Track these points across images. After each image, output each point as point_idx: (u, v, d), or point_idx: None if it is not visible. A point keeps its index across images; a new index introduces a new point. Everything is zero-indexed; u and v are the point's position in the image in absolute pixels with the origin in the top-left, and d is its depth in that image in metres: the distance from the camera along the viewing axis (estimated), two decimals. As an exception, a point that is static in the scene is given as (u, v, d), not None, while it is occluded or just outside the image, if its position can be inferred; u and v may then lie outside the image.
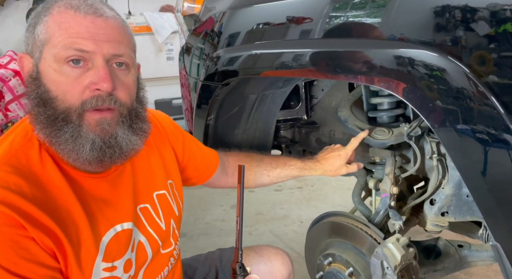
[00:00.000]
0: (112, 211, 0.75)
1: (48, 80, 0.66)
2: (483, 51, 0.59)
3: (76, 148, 0.66)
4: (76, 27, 0.66)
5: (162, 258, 0.86)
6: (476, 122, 0.60)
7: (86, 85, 0.66)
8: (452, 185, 0.98)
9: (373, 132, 1.04)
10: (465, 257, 1.08)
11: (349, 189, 1.22)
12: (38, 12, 0.68)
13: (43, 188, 0.66)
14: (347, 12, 0.83)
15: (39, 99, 0.66)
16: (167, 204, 0.88)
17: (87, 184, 0.72)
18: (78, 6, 0.67)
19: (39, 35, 0.66)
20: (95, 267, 0.70)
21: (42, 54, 0.66)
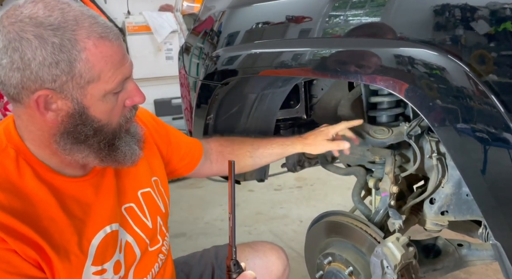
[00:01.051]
0: (99, 213, 0.75)
1: (97, 112, 0.68)
2: (483, 50, 0.59)
3: (132, 154, 0.74)
4: (116, 57, 0.67)
5: (151, 255, 0.86)
6: (476, 121, 0.60)
7: (124, 104, 0.72)
8: (452, 184, 0.98)
9: (372, 131, 1.04)
10: (465, 256, 1.08)
11: (348, 188, 1.22)
12: (56, 44, 0.61)
13: (22, 198, 0.65)
14: (346, 11, 0.83)
15: (94, 130, 0.69)
16: (153, 201, 0.88)
17: (70, 189, 0.72)
18: (106, 33, 0.65)
19: (82, 75, 0.63)
20: (85, 272, 0.70)
21: (87, 91, 0.65)
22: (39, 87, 0.63)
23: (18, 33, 0.60)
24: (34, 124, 0.67)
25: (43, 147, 0.69)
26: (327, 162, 1.42)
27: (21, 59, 0.61)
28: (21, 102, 0.65)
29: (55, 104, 0.65)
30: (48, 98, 0.64)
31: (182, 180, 3.00)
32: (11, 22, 0.61)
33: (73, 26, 0.62)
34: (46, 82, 0.62)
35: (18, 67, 0.61)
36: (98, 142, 0.70)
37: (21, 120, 0.69)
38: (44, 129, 0.67)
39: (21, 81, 0.62)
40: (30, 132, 0.68)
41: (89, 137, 0.69)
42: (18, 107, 0.67)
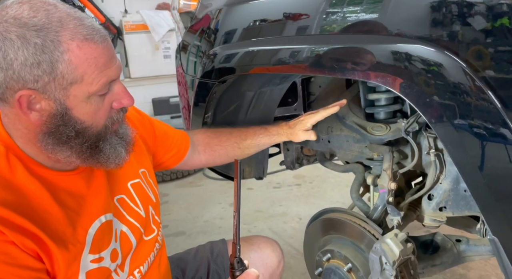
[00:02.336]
0: (92, 204, 0.76)
1: (81, 114, 0.68)
2: (480, 45, 0.59)
3: (117, 155, 0.74)
4: (101, 59, 0.66)
5: (147, 244, 0.88)
6: (473, 117, 0.60)
7: (111, 106, 0.72)
8: (450, 180, 0.98)
9: (370, 128, 1.04)
10: (463, 251, 1.08)
11: (347, 186, 1.22)
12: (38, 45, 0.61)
13: (16, 192, 0.66)
14: (343, 8, 0.83)
15: (75, 132, 0.68)
16: (143, 192, 0.90)
17: (62, 182, 0.73)
18: (91, 35, 0.65)
19: (64, 76, 0.64)
20: (82, 260, 0.71)
21: (70, 92, 0.65)
22: (22, 87, 0.63)
23: (1, 34, 0.61)
24: (20, 123, 0.68)
25: (30, 144, 0.70)
26: (325, 159, 1.42)
27: (3, 59, 0.61)
28: (7, 102, 0.65)
29: (39, 105, 0.65)
30: (31, 98, 0.64)
31: (181, 179, 3.00)
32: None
33: (57, 28, 0.62)
34: (28, 83, 0.63)
35: (1, 67, 0.62)
36: (81, 143, 0.70)
37: (8, 118, 0.69)
38: (30, 128, 0.68)
39: (4, 81, 0.62)
40: (17, 130, 0.69)
41: (71, 138, 0.69)
42: (4, 106, 0.68)
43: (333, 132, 1.27)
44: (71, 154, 0.70)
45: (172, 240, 2.12)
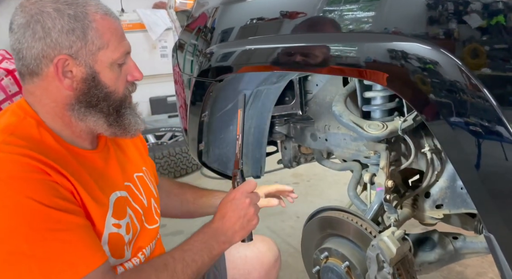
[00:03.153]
0: (110, 180, 0.83)
1: (106, 79, 0.77)
2: (475, 43, 0.59)
3: (135, 122, 0.83)
4: (119, 31, 0.78)
5: (150, 232, 0.92)
6: (469, 115, 0.60)
7: (126, 78, 0.81)
8: (447, 177, 0.98)
9: (367, 126, 1.04)
10: (460, 249, 1.09)
11: (345, 184, 1.23)
12: (71, 15, 0.72)
13: (51, 151, 0.73)
14: (340, 6, 0.83)
15: (103, 94, 0.77)
16: (146, 184, 0.95)
17: (84, 157, 0.80)
18: (109, 12, 0.77)
19: (94, 41, 0.74)
20: (107, 221, 0.77)
21: (97, 57, 0.75)
22: (58, 53, 0.72)
23: (39, 9, 0.71)
24: (48, 97, 0.75)
25: (56, 118, 0.77)
26: (323, 157, 1.42)
27: (42, 29, 0.71)
28: (39, 74, 0.74)
29: (70, 73, 0.74)
30: (65, 64, 0.73)
31: (179, 178, 3.00)
32: (32, 2, 0.73)
33: (83, 3, 0.74)
34: (64, 48, 0.72)
35: (40, 36, 0.71)
36: (108, 106, 0.79)
37: (34, 96, 0.76)
38: (58, 100, 0.75)
39: (41, 50, 0.72)
40: (44, 105, 0.76)
41: (100, 100, 0.77)
42: (33, 83, 0.75)
43: (330, 130, 1.27)
44: (100, 117, 0.78)
45: (170, 239, 2.12)
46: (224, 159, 1.40)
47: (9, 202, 0.63)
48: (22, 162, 0.66)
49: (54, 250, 0.65)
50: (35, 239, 0.64)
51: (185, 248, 0.82)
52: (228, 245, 0.86)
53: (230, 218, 0.85)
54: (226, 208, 0.87)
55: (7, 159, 0.66)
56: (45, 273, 0.64)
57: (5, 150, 0.66)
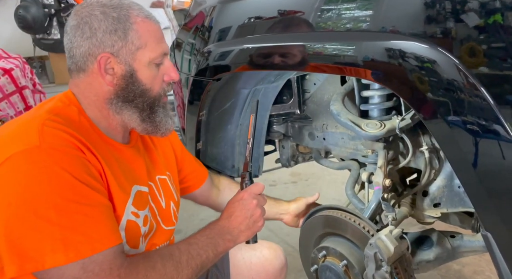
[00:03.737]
0: (135, 174, 0.87)
1: (143, 77, 0.83)
2: (473, 42, 0.59)
3: (167, 121, 0.88)
4: (157, 34, 0.84)
5: (166, 232, 0.95)
6: (466, 114, 0.60)
7: (163, 78, 0.86)
8: (444, 176, 0.99)
9: (365, 125, 1.04)
10: (458, 247, 1.09)
11: (343, 183, 1.23)
12: (115, 17, 0.79)
13: (87, 132, 0.79)
14: (338, 5, 0.83)
15: (140, 91, 0.83)
16: (167, 187, 0.98)
17: (115, 148, 0.85)
18: (150, 16, 0.84)
19: (133, 41, 0.80)
20: (127, 208, 0.81)
21: (136, 56, 0.81)
22: (102, 51, 0.79)
23: (88, 12, 0.80)
24: (91, 91, 0.82)
25: (96, 110, 0.83)
26: (320, 156, 1.42)
27: (90, 29, 0.79)
28: (85, 70, 0.81)
29: (112, 69, 0.81)
30: (108, 61, 0.80)
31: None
32: (83, 6, 0.81)
33: (127, 7, 0.82)
34: (107, 47, 0.79)
35: (87, 36, 0.79)
36: (143, 102, 0.84)
37: (78, 88, 0.83)
38: (100, 94, 0.82)
39: (88, 48, 0.79)
40: (86, 98, 0.83)
41: (136, 96, 0.83)
42: (79, 77, 0.83)
43: (328, 129, 1.27)
44: (135, 112, 0.84)
45: (168, 239, 2.11)
46: (222, 158, 1.40)
47: (47, 170, 0.69)
48: (63, 137, 0.73)
49: (77, 221, 0.70)
50: (63, 208, 0.68)
51: (191, 242, 0.84)
52: (233, 243, 0.89)
53: (237, 217, 0.88)
54: (233, 207, 0.90)
55: (51, 133, 0.72)
56: (65, 241, 0.68)
57: (49, 125, 0.74)
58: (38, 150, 0.70)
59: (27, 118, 0.79)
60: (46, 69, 3.41)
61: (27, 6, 2.74)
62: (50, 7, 2.88)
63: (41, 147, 0.70)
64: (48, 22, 2.90)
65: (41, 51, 3.14)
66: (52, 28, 2.95)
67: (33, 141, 0.70)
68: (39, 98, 2.53)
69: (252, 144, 0.94)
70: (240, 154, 1.38)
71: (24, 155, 0.69)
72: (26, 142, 0.71)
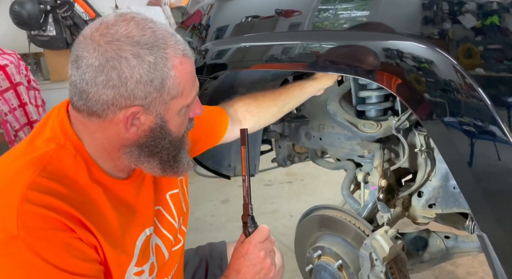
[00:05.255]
0: (140, 216, 0.77)
1: (173, 126, 0.71)
2: (470, 43, 0.59)
3: (188, 163, 0.77)
4: (192, 74, 0.70)
5: (175, 255, 0.88)
6: (464, 114, 0.61)
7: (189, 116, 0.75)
8: (439, 177, 0.99)
9: (361, 125, 1.05)
10: (452, 248, 1.10)
11: (338, 183, 1.23)
12: (151, 63, 0.63)
13: (79, 192, 0.66)
14: (336, 4, 0.83)
15: (167, 142, 0.71)
16: (179, 202, 0.89)
17: (117, 189, 0.73)
18: (187, 50, 0.69)
19: (170, 91, 0.66)
20: (128, 270, 0.72)
21: (169, 106, 0.68)
22: (130, 104, 0.64)
23: (116, 52, 0.62)
24: (103, 135, 0.68)
25: (103, 152, 0.70)
26: (317, 156, 1.42)
27: (118, 77, 0.62)
28: (101, 117, 0.66)
29: (138, 120, 0.67)
30: (135, 114, 0.66)
31: (172, 176, 2.98)
32: (107, 41, 0.62)
33: (163, 45, 0.65)
34: (138, 99, 0.64)
35: (114, 85, 0.63)
36: (168, 154, 0.72)
37: (86, 128, 0.68)
38: (114, 140, 0.69)
39: (112, 98, 0.63)
40: (94, 139, 0.69)
41: (163, 150, 0.71)
42: (90, 120, 0.67)
43: (324, 129, 1.27)
44: (157, 164, 0.72)
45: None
46: (219, 156, 1.40)
47: (26, 263, 0.59)
48: (47, 217, 0.60)
49: None
50: None
51: None
52: None
53: (246, 275, 0.80)
54: (240, 263, 0.80)
55: (32, 212, 0.60)
56: None
57: (32, 199, 0.60)
58: (16, 240, 0.58)
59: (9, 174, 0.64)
60: (41, 66, 3.38)
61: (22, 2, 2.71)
62: (46, 4, 2.84)
63: (19, 237, 0.58)
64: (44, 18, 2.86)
65: (36, 47, 3.10)
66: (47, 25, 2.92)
67: (10, 228, 0.58)
68: (34, 95, 2.51)
69: (248, 181, 0.79)
70: (236, 152, 1.38)
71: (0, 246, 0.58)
72: (1, 227, 0.59)
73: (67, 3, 2.86)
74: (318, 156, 1.42)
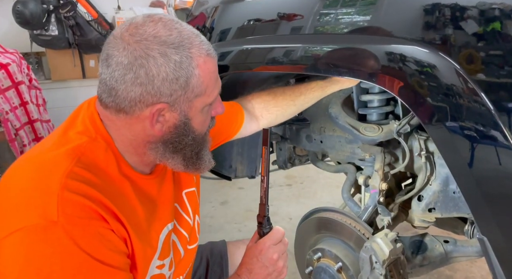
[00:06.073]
0: (163, 210, 0.79)
1: (196, 123, 0.73)
2: (473, 48, 0.60)
3: (209, 160, 0.79)
4: (215, 73, 0.73)
5: (190, 253, 0.89)
6: (466, 119, 0.61)
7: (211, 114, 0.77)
8: (440, 181, 0.99)
9: (363, 129, 1.05)
10: (450, 252, 1.10)
11: (337, 187, 1.24)
12: (177, 62, 0.66)
13: (111, 185, 0.69)
14: (339, 8, 0.84)
15: (190, 139, 0.73)
16: (195, 200, 0.91)
17: (142, 183, 0.76)
18: (210, 50, 0.71)
19: (194, 89, 0.69)
20: (152, 263, 0.74)
21: (193, 104, 0.71)
22: (157, 101, 0.67)
23: (144, 51, 0.65)
24: (129, 131, 0.71)
25: (129, 147, 0.73)
26: (317, 159, 1.42)
27: (146, 75, 0.65)
28: (129, 113, 0.69)
29: (163, 117, 0.70)
30: (161, 111, 0.68)
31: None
32: (136, 41, 0.65)
33: (188, 44, 0.67)
34: (163, 96, 0.67)
35: (142, 82, 0.65)
36: (191, 151, 0.75)
37: (113, 124, 0.71)
38: (140, 136, 0.71)
39: (140, 95, 0.66)
40: (120, 135, 0.72)
41: (187, 146, 0.74)
42: (117, 116, 0.70)
43: (325, 132, 1.28)
44: (181, 160, 0.75)
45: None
46: (220, 158, 1.40)
47: (63, 249, 0.60)
48: (85, 205, 0.62)
49: None
50: None
51: None
52: None
53: (258, 275, 0.81)
54: (252, 263, 0.81)
55: (71, 200, 0.62)
56: None
57: (71, 187, 0.62)
58: (55, 226, 0.59)
59: (46, 163, 0.66)
60: (43, 65, 3.38)
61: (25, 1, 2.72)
62: (49, 4, 2.85)
63: (58, 223, 0.60)
64: (46, 18, 2.87)
65: (38, 47, 3.11)
66: (50, 24, 2.92)
67: (51, 214, 0.60)
68: (35, 94, 2.51)
69: (267, 182, 0.82)
70: (238, 154, 1.38)
71: (38, 231, 0.59)
72: (42, 213, 0.60)
73: (70, 3, 2.87)
74: (319, 158, 1.43)
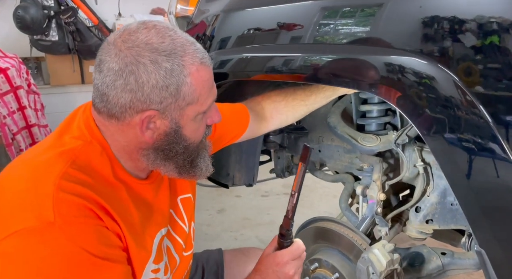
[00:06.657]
0: (156, 216, 0.79)
1: (188, 131, 0.73)
2: (472, 60, 0.61)
3: (206, 168, 0.79)
4: (210, 82, 0.72)
5: (185, 260, 0.88)
6: (464, 131, 0.61)
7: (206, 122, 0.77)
8: (437, 193, 0.99)
9: (361, 139, 1.05)
10: (448, 264, 1.09)
11: (334, 196, 1.23)
12: (168, 69, 0.66)
13: (105, 186, 0.69)
14: (338, 19, 0.84)
15: (182, 147, 0.73)
16: (190, 207, 0.90)
17: (137, 188, 0.76)
18: (205, 58, 0.71)
19: (185, 97, 0.68)
20: (147, 266, 0.74)
21: (185, 112, 0.70)
22: (146, 108, 0.67)
23: (135, 58, 0.65)
24: (122, 137, 0.71)
25: (124, 153, 0.73)
26: (315, 168, 1.42)
27: (135, 81, 0.65)
28: (120, 119, 0.69)
29: (153, 124, 0.69)
30: (151, 118, 0.68)
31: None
32: (128, 47, 0.65)
33: (181, 52, 0.67)
34: (153, 104, 0.67)
35: (131, 89, 0.66)
36: (183, 159, 0.74)
37: (107, 129, 0.72)
38: (132, 142, 0.71)
39: (130, 102, 0.66)
40: (115, 140, 0.72)
41: (178, 154, 0.73)
42: (110, 122, 0.70)
43: (324, 142, 1.28)
44: (173, 168, 0.75)
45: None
46: (217, 166, 1.39)
47: (61, 249, 0.60)
48: (79, 205, 0.63)
49: None
50: None
51: None
52: None
53: None
54: (268, 274, 0.80)
55: (67, 200, 0.62)
56: None
57: (66, 188, 0.63)
58: (52, 227, 0.60)
59: (41, 165, 0.66)
60: (42, 70, 3.38)
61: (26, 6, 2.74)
62: (50, 9, 2.87)
63: (55, 224, 0.60)
64: (47, 23, 2.89)
65: (38, 52, 3.12)
66: (50, 30, 2.94)
67: (47, 215, 0.60)
68: (33, 99, 2.50)
69: (297, 198, 0.80)
70: (235, 162, 1.38)
71: (35, 233, 0.60)
72: (38, 214, 0.60)
73: (70, 9, 2.89)
74: (317, 168, 1.43)
